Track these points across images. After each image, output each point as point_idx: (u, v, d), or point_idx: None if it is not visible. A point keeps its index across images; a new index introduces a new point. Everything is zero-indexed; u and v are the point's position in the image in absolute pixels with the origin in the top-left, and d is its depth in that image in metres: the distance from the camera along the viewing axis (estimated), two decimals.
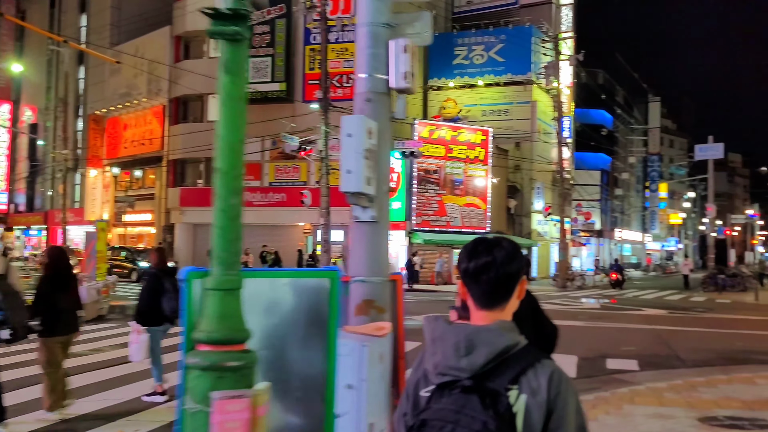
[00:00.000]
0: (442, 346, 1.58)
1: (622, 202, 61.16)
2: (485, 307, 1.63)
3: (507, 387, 1.52)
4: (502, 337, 1.55)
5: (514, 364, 1.54)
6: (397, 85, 3.50)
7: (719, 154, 30.80)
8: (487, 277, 1.61)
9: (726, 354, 11.64)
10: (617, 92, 61.34)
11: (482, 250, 1.64)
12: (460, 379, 1.54)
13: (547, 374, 1.56)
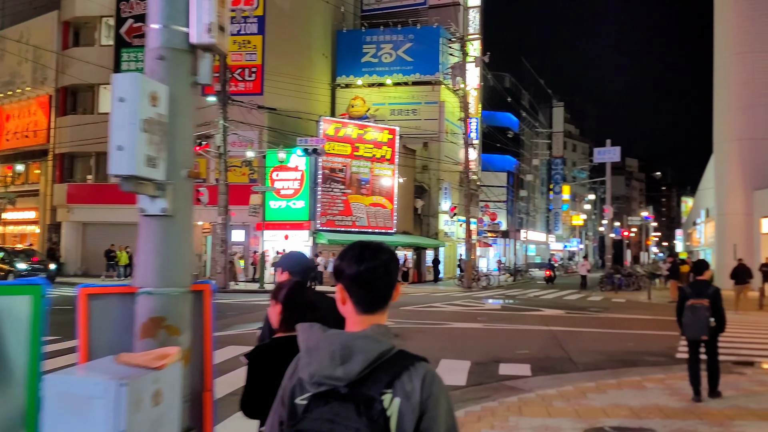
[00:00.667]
0: (317, 356, 1.55)
1: (527, 204, 62.60)
2: (368, 312, 1.63)
3: (382, 392, 1.51)
4: (377, 344, 1.55)
5: (389, 368, 1.54)
6: (198, 40, 2.72)
7: (616, 157, 31.75)
8: (377, 281, 1.62)
9: (617, 356, 11.53)
10: (523, 96, 62.79)
11: (369, 254, 1.64)
12: (336, 387, 1.52)
13: (421, 376, 1.55)
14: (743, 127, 32.57)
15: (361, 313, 1.64)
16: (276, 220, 30.29)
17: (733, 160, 33.09)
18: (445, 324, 15.69)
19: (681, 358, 11.38)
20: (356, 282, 1.63)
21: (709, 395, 7.81)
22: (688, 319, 7.80)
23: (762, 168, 32.36)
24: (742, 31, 32.70)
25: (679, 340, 13.55)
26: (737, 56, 32.93)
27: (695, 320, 7.71)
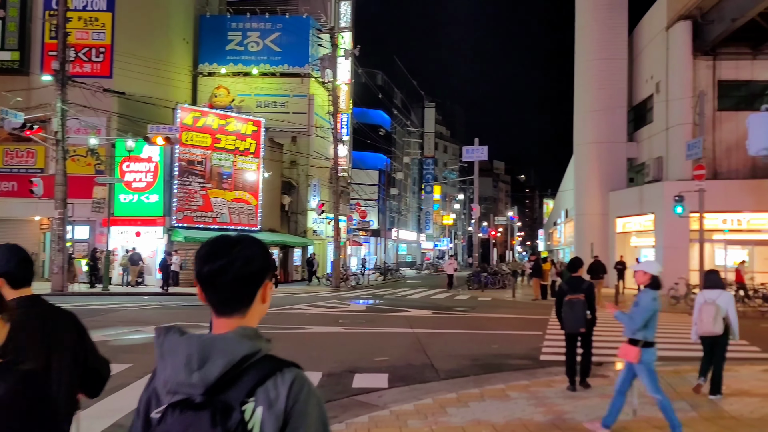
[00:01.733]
0: (172, 361, 1.43)
1: (399, 203, 62.66)
2: (223, 314, 1.51)
3: (243, 400, 1.38)
4: (240, 346, 1.41)
5: (253, 374, 1.40)
6: None
7: (484, 156, 31.97)
8: (223, 280, 1.48)
9: (482, 359, 10.75)
10: (396, 95, 62.79)
11: (220, 250, 1.50)
12: (192, 396, 1.39)
13: (288, 383, 1.42)
14: (600, 130, 33.87)
15: (217, 316, 1.51)
16: (126, 215, 27.61)
17: (591, 162, 34.34)
18: (303, 328, 14.38)
19: (545, 360, 10.81)
20: (203, 281, 1.50)
21: (580, 384, 8.22)
22: (567, 314, 8.14)
23: (617, 170, 33.84)
24: (601, 38, 34.00)
25: (543, 341, 13.13)
26: (596, 62, 34.21)
27: (573, 314, 8.04)
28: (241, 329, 1.46)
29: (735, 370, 9.73)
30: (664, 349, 12.35)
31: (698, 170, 21.73)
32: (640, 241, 31.69)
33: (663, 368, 9.99)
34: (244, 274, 1.49)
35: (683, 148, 28.29)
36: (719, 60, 29.10)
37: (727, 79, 29.16)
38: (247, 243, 1.54)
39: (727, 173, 28.85)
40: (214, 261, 1.48)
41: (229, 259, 1.48)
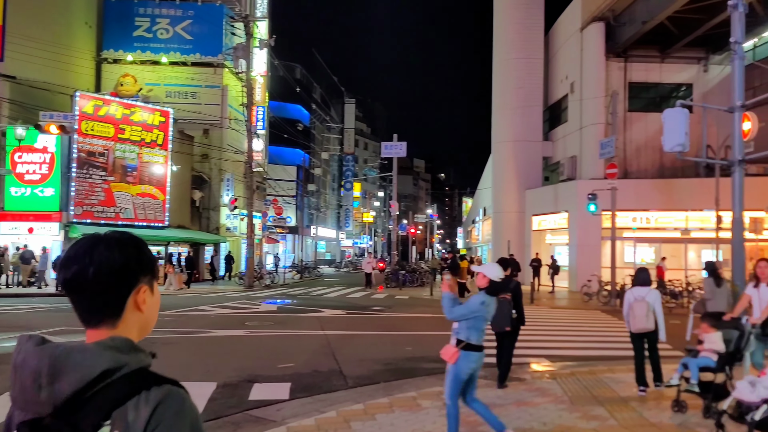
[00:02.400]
0: (21, 375, 1.26)
1: (317, 199, 61.61)
2: (89, 325, 1.34)
3: (98, 423, 1.20)
4: (100, 359, 1.24)
5: (113, 392, 1.22)
6: None
7: (402, 152, 31.56)
8: (81, 289, 1.32)
9: (394, 364, 10.11)
10: (315, 90, 61.69)
11: (76, 254, 1.33)
12: (42, 416, 1.23)
13: (154, 403, 1.22)
14: (517, 129, 34.16)
15: (85, 327, 1.35)
16: (18, 210, 25.44)
17: (508, 160, 34.58)
18: (205, 332, 13.32)
19: None
20: (64, 287, 1.34)
21: (499, 385, 8.29)
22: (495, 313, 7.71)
23: (533, 168, 34.22)
24: (518, 38, 34.28)
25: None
26: (513, 61, 34.46)
27: (500, 313, 7.85)
28: (108, 340, 1.29)
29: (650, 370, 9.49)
30: (579, 348, 12.18)
31: (611, 169, 22.00)
32: (555, 239, 32.14)
33: (578, 369, 9.69)
34: (103, 281, 1.31)
35: (596, 148, 28.81)
36: (630, 62, 29.82)
37: (637, 81, 29.94)
38: (110, 243, 1.36)
39: (637, 173, 29.61)
40: (69, 267, 1.32)
41: (83, 265, 1.31)
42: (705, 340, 6.85)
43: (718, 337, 6.74)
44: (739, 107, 10.03)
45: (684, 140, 9.65)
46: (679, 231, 26.90)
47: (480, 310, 5.47)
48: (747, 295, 7.22)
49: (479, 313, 5.47)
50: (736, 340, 6.67)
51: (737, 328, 6.74)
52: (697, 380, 6.60)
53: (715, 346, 6.70)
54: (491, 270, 5.70)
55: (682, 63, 29.84)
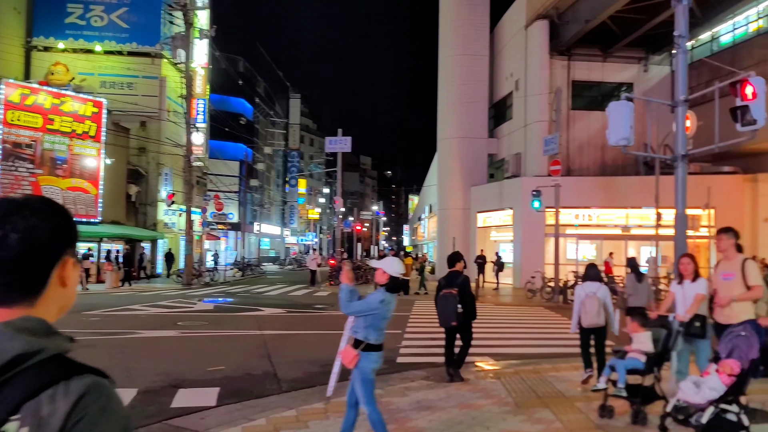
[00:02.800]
0: None
1: (261, 195, 60.44)
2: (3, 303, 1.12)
3: (4, 419, 1.01)
4: (11, 343, 1.06)
5: (24, 382, 1.03)
6: None
7: (347, 147, 31.00)
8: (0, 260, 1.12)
9: (332, 365, 9.59)
10: (259, 83, 60.46)
11: None
12: None
13: (75, 396, 1.03)
14: (462, 126, 34.06)
15: None
16: None
17: (454, 157, 34.46)
18: (132, 333, 12.52)
19: (402, 363, 9.89)
20: None
21: (454, 378, 8.27)
22: (441, 308, 8.28)
23: (478, 165, 34.19)
24: (463, 34, 34.18)
25: (401, 340, 12.26)
26: (459, 57, 34.34)
27: (445, 308, 8.17)
28: (20, 320, 1.10)
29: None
30: (523, 346, 11.94)
31: (554, 166, 22.03)
32: (499, 236, 32.20)
33: (522, 368, 9.40)
34: (29, 252, 1.13)
35: (540, 145, 28.96)
36: (573, 60, 30.09)
37: (580, 80, 30.24)
38: (33, 209, 1.17)
39: (579, 170, 29.91)
40: None
41: (2, 232, 1.12)
42: (633, 340, 6.57)
43: (647, 337, 6.49)
44: (683, 102, 9.92)
45: (629, 134, 9.47)
46: (620, 228, 27.27)
47: (379, 309, 5.00)
48: (671, 293, 7.02)
49: (378, 311, 5.01)
50: (664, 339, 6.43)
51: (665, 326, 6.53)
52: (625, 383, 6.29)
53: (643, 347, 6.43)
54: (391, 265, 5.21)
55: (624, 62, 30.30)
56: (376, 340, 5.08)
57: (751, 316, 6.24)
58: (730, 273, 6.42)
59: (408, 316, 16.59)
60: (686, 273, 6.78)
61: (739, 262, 6.43)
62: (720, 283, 6.54)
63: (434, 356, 10.56)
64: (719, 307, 6.46)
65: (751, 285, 6.29)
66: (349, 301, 5.04)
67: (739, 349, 5.44)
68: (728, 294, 6.35)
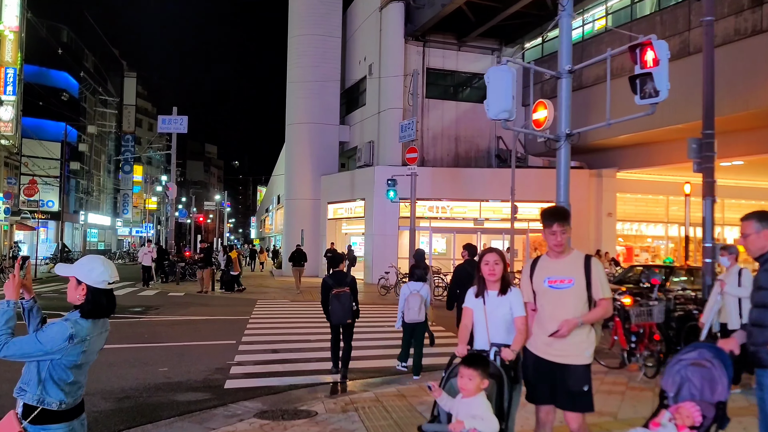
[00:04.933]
0: None
1: (89, 182, 54.41)
2: None
3: None
4: None
5: None
6: None
7: (183, 128, 27.79)
8: None
9: (133, 397, 7.19)
10: (87, 57, 54.29)
11: None
12: None
13: None
14: (313, 111, 31.97)
15: None
16: None
17: (303, 144, 32.30)
18: None
19: (231, 389, 7.66)
20: None
21: (342, 377, 8.23)
22: (335, 307, 8.19)
23: (329, 153, 32.31)
24: (315, 13, 32.09)
25: (235, 353, 10.03)
26: (309, 38, 32.18)
27: (341, 307, 8.17)
28: None
29: None
30: (381, 357, 9.48)
31: (411, 153, 20.66)
32: (351, 228, 30.59)
33: (384, 390, 7.52)
34: None
35: (395, 133, 27.62)
36: (429, 47, 29.11)
37: (435, 67, 29.31)
38: None
39: (433, 161, 29.03)
40: None
41: None
42: (460, 410, 3.66)
43: (481, 402, 3.63)
44: (567, 72, 8.60)
45: (511, 105, 7.97)
46: (473, 221, 26.67)
47: (63, 350, 2.73)
48: (469, 310, 4.37)
49: (61, 354, 2.74)
50: (496, 395, 3.81)
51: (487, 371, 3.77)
52: None
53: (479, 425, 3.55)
54: (90, 270, 2.87)
55: (478, 53, 29.80)
56: (60, 403, 2.78)
57: (592, 350, 4.12)
58: (564, 278, 4.11)
59: (248, 320, 14.29)
60: (492, 279, 4.27)
61: (578, 260, 4.17)
62: (545, 294, 4.14)
63: (275, 375, 8.46)
64: (546, 335, 4.06)
65: (600, 298, 4.08)
66: (3, 334, 2.69)
67: (690, 384, 3.88)
68: (562, 312, 4.01)
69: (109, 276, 2.88)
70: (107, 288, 2.89)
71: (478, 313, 4.31)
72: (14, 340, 2.72)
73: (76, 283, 2.85)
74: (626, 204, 27.67)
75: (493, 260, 4.29)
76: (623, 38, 10.26)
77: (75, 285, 2.85)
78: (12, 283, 2.85)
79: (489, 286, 4.31)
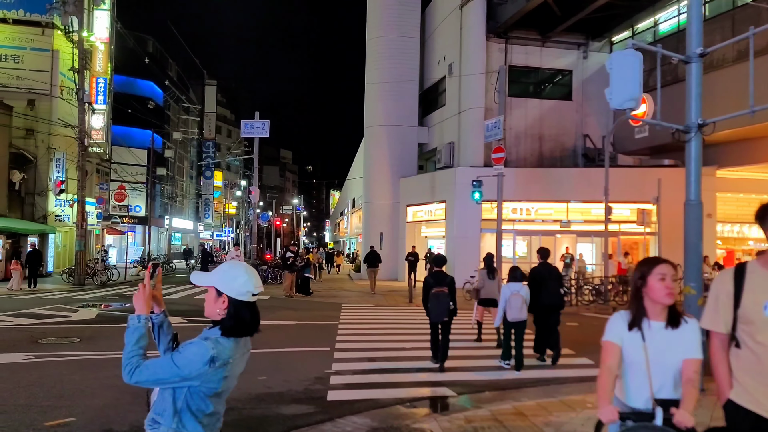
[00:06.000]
0: None
1: (173, 187, 56.07)
2: None
3: None
4: None
5: None
6: None
7: (265, 132, 27.96)
8: None
9: (236, 409, 6.85)
10: (170, 67, 56.02)
11: None
12: None
13: None
14: (391, 113, 31.66)
15: None
16: None
17: (381, 146, 32.01)
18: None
19: (334, 402, 7.26)
20: None
21: (440, 368, 8.91)
22: (433, 305, 8.84)
23: (408, 155, 31.89)
24: (392, 14, 31.76)
25: (331, 361, 9.63)
26: (387, 39, 31.89)
27: (439, 305, 8.79)
28: None
29: None
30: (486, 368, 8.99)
31: (497, 153, 19.90)
32: (430, 231, 30.03)
33: (499, 408, 6.94)
34: None
35: (476, 133, 26.97)
36: (511, 44, 28.20)
37: (517, 65, 28.36)
38: None
39: (516, 162, 28.08)
40: None
41: None
42: None
43: None
44: (698, 56, 7.75)
45: (638, 93, 7.20)
46: (559, 223, 25.60)
47: (203, 375, 2.31)
48: (614, 347, 2.99)
49: (201, 379, 2.32)
50: None
51: None
52: None
53: None
54: (232, 278, 2.42)
55: (563, 48, 28.67)
56: None
57: None
58: None
59: (337, 325, 13.95)
60: (667, 301, 2.94)
61: None
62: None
63: (376, 387, 8.00)
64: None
65: None
66: (135, 356, 2.34)
67: None
68: None
69: (253, 286, 2.43)
70: (251, 300, 2.45)
71: (633, 352, 2.95)
72: (146, 363, 2.32)
73: (216, 295, 2.42)
74: (726, 204, 25.92)
75: (670, 275, 2.94)
76: (748, 17, 9.28)
77: (215, 297, 2.42)
78: (142, 294, 2.46)
79: (652, 313, 2.96)
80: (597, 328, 14.26)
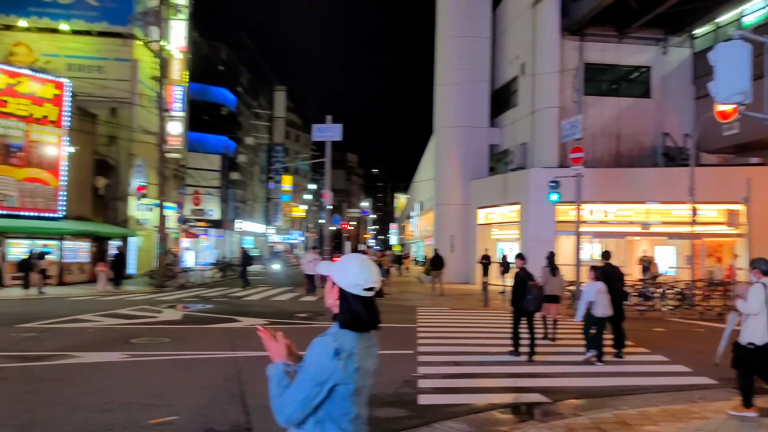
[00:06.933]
0: None
1: (243, 191, 57.37)
2: None
3: None
4: None
5: None
6: None
7: (337, 135, 28.15)
8: None
9: None
10: (242, 73, 57.37)
11: None
12: None
13: None
14: (461, 114, 31.40)
15: None
16: None
17: (452, 148, 31.78)
18: (65, 357, 9.63)
19: (426, 406, 7.15)
20: None
21: (529, 358, 9.81)
22: (535, 295, 9.80)
23: (479, 156, 31.54)
24: (462, 14, 31.52)
25: (415, 364, 9.53)
26: (457, 39, 31.65)
27: (536, 298, 9.81)
28: None
29: None
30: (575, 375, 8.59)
31: (576, 153, 19.34)
32: (501, 234, 29.55)
33: (599, 416, 6.66)
34: None
35: (550, 133, 26.40)
36: (586, 41, 27.45)
37: (593, 62, 27.55)
38: None
39: (593, 162, 27.25)
40: None
41: None
42: None
43: None
44: None
45: (747, 86, 6.78)
46: (639, 225, 24.72)
47: (334, 376, 2.16)
48: None
49: (336, 379, 2.17)
50: None
51: None
52: None
53: None
54: (347, 269, 2.30)
55: (641, 44, 27.68)
56: None
57: None
58: None
59: (415, 328, 13.84)
60: None
61: None
62: None
63: (466, 392, 7.85)
64: None
65: None
66: (281, 396, 2.20)
67: None
68: None
69: (365, 280, 2.30)
70: (362, 294, 2.33)
71: None
72: (283, 396, 2.23)
73: (331, 285, 2.34)
74: None
75: None
76: None
77: (330, 286, 2.33)
78: (278, 344, 2.39)
79: None
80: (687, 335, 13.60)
